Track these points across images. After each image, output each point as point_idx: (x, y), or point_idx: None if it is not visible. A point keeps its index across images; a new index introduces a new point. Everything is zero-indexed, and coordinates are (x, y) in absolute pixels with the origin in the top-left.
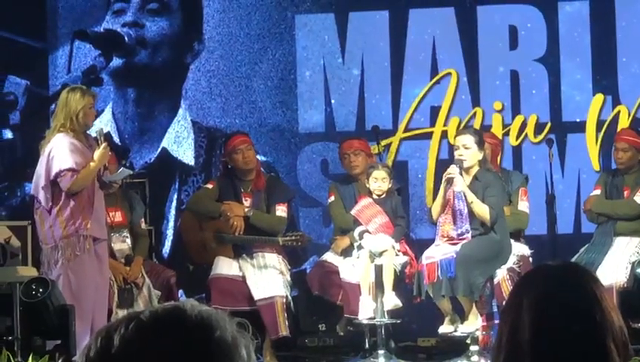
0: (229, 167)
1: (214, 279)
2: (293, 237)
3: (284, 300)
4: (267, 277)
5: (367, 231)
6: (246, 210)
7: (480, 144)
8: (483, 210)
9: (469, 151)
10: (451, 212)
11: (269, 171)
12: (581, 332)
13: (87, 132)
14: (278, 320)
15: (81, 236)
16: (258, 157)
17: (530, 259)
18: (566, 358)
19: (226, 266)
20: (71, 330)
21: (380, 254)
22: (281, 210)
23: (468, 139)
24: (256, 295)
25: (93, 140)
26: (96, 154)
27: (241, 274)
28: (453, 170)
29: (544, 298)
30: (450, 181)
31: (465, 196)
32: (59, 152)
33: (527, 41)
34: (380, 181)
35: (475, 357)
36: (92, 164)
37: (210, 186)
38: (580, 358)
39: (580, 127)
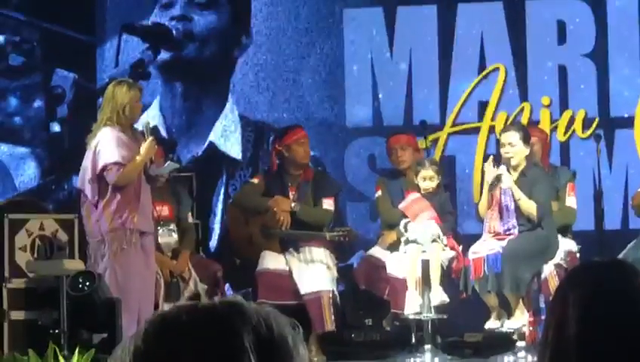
0: (278, 161)
1: (261, 273)
2: (341, 233)
3: (331, 295)
4: (313, 272)
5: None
6: (292, 204)
7: (526, 140)
8: (530, 207)
9: (514, 149)
10: (498, 208)
11: (316, 165)
12: (628, 330)
13: (134, 126)
14: (324, 315)
15: (128, 230)
16: None
17: (578, 254)
18: (613, 355)
19: (272, 261)
20: (117, 324)
21: (426, 242)
22: (327, 204)
23: (513, 136)
24: (303, 289)
25: (140, 134)
26: (143, 147)
27: (287, 268)
28: (502, 169)
29: (591, 294)
30: (499, 178)
31: (512, 192)
32: (105, 146)
33: (576, 36)
34: (428, 180)
35: (521, 353)
36: (138, 157)
37: (256, 181)
38: (627, 355)
39: (629, 122)
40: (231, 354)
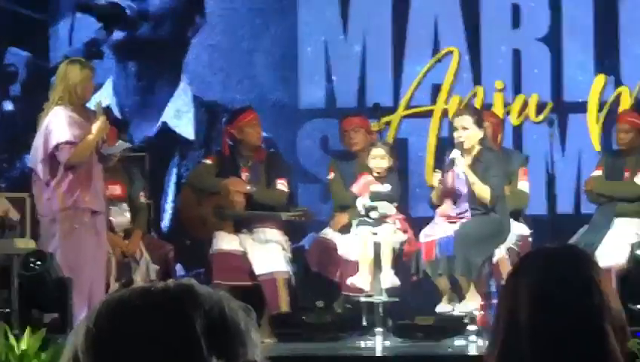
0: (230, 142)
1: (216, 254)
2: (297, 213)
3: (286, 276)
4: (268, 253)
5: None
6: (247, 187)
7: (479, 123)
8: (484, 191)
9: (467, 132)
10: (451, 192)
11: (269, 147)
12: (579, 315)
13: (86, 105)
14: (279, 296)
15: (80, 209)
16: None
17: (530, 238)
18: (564, 340)
19: (226, 241)
20: (68, 303)
21: (380, 200)
22: (281, 184)
23: (466, 120)
24: (258, 270)
25: (92, 113)
26: (95, 127)
27: (242, 249)
28: (455, 153)
29: (542, 280)
30: (452, 163)
31: (466, 177)
32: (57, 125)
33: (530, 20)
34: (378, 159)
35: (472, 337)
36: (90, 136)
37: (209, 161)
38: (577, 341)
39: (582, 107)
40: (182, 338)
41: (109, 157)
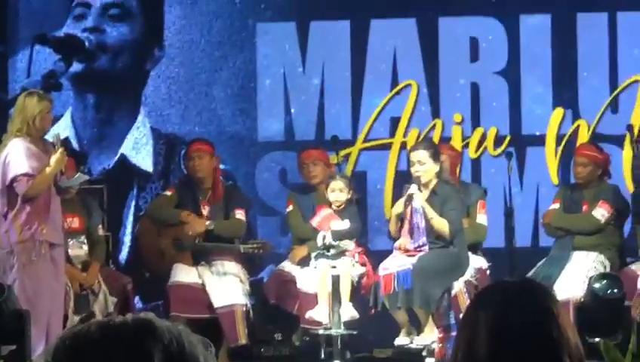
0: (189, 175)
1: (173, 286)
2: (255, 245)
3: (244, 308)
4: (227, 285)
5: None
6: (207, 223)
7: (435, 157)
8: (442, 225)
9: (424, 167)
10: (408, 226)
11: (227, 179)
12: (537, 349)
13: (45, 137)
14: (237, 329)
15: (37, 241)
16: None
17: (488, 271)
18: None
19: (184, 273)
20: (26, 335)
21: (340, 239)
22: (240, 214)
23: (422, 155)
24: (216, 303)
25: (50, 145)
26: (53, 159)
27: (200, 281)
28: (413, 188)
29: (501, 314)
30: (410, 198)
31: (423, 210)
32: (15, 157)
33: (488, 54)
34: (337, 191)
35: None
36: (48, 169)
37: (169, 193)
38: None
39: (540, 140)
40: None
41: (67, 190)
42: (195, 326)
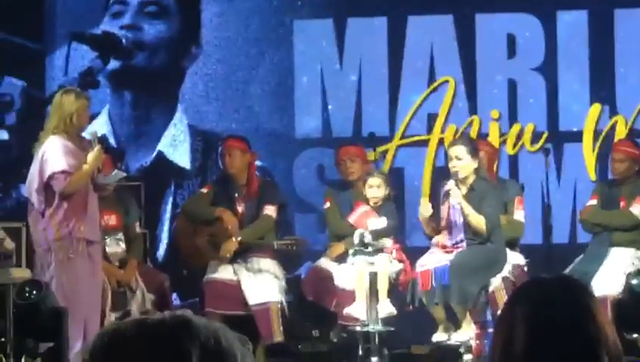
0: (225, 171)
1: (208, 282)
2: (289, 241)
3: (279, 306)
4: (262, 282)
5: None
6: (234, 238)
7: (473, 153)
8: (479, 222)
9: (461, 162)
10: (447, 223)
11: (265, 176)
12: (575, 346)
13: (82, 134)
14: (272, 326)
15: (75, 239)
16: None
17: (525, 268)
18: None
19: (220, 270)
20: (64, 333)
21: (377, 237)
22: (268, 210)
23: (460, 150)
24: (251, 300)
25: (87, 143)
26: (90, 156)
27: (235, 278)
28: (450, 185)
29: (538, 311)
30: (447, 194)
31: (461, 207)
32: (52, 155)
33: (525, 50)
34: (375, 188)
35: None
36: (85, 166)
37: (205, 191)
38: None
39: (577, 136)
40: None
41: (105, 187)
42: (231, 323)
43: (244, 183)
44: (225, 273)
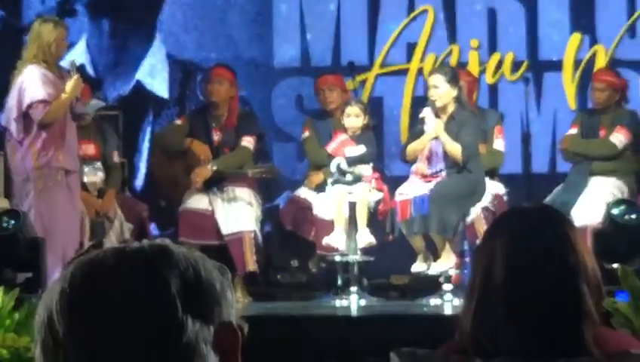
0: (204, 101)
1: (183, 212)
2: (262, 169)
3: (252, 235)
4: (236, 212)
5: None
6: (209, 166)
7: (453, 82)
8: (455, 149)
9: (439, 90)
10: (427, 151)
11: (243, 105)
12: (554, 275)
13: (60, 64)
14: (245, 256)
15: (53, 168)
16: None
17: (505, 197)
18: (539, 301)
19: (195, 200)
20: (42, 263)
21: (355, 165)
22: (246, 141)
23: (438, 79)
24: (225, 230)
25: (66, 72)
26: (68, 85)
27: (210, 208)
28: (425, 112)
29: (517, 240)
30: (422, 121)
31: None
32: (31, 84)
33: None
34: (353, 117)
35: (448, 296)
36: (64, 95)
37: (179, 122)
38: (552, 301)
39: (557, 66)
40: (157, 299)
41: (83, 116)
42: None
43: (223, 113)
44: (200, 203)
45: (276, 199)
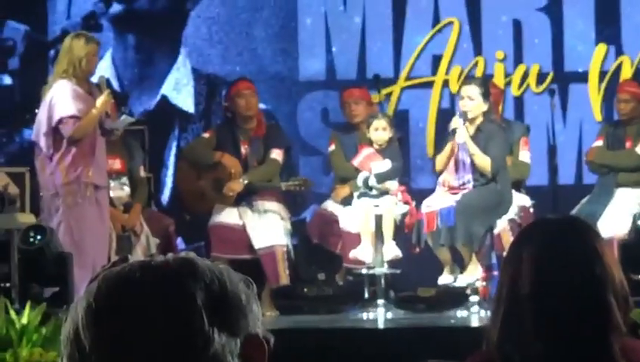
0: (229, 114)
1: (214, 227)
2: (296, 182)
3: (285, 249)
4: (267, 226)
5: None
6: (241, 180)
7: (485, 95)
8: (484, 162)
9: (473, 103)
10: (454, 162)
11: (269, 119)
12: (581, 287)
13: (90, 79)
14: (278, 269)
15: (83, 183)
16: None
17: (531, 209)
18: (566, 312)
19: (225, 214)
20: (69, 278)
21: (382, 180)
22: (275, 154)
23: (473, 90)
24: (257, 244)
25: (95, 87)
26: (99, 101)
27: (241, 222)
28: (456, 123)
29: (544, 252)
30: (453, 132)
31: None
32: (61, 99)
33: None
34: (379, 130)
35: (474, 308)
36: (94, 110)
37: (206, 135)
38: (580, 312)
39: (583, 77)
40: (183, 312)
41: (113, 132)
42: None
43: (253, 126)
44: (230, 217)
45: (303, 212)
